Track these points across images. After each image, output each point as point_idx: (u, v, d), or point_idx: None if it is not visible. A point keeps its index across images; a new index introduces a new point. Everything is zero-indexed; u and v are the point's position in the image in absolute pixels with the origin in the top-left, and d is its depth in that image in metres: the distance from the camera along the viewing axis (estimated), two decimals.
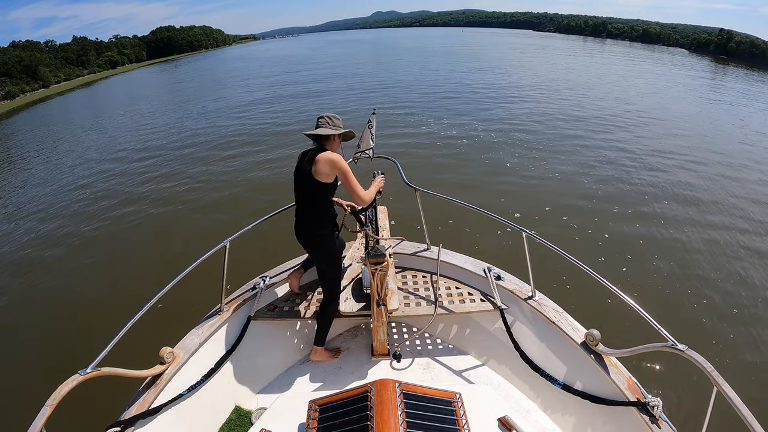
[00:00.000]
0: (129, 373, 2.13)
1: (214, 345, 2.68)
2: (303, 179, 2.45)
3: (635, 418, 2.04)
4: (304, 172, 2.42)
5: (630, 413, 2.08)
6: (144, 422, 2.13)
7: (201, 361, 2.56)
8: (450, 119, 14.24)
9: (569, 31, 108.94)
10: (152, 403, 2.19)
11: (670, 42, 70.90)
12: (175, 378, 2.37)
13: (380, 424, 1.57)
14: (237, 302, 2.89)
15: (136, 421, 2.08)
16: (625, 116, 14.62)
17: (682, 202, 7.88)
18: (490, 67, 29.78)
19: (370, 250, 2.48)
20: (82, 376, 1.83)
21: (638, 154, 10.51)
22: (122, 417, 2.08)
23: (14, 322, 5.67)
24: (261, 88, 25.97)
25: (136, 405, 2.15)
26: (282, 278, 3.14)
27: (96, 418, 2.39)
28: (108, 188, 10.49)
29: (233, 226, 2.87)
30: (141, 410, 2.12)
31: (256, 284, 3.04)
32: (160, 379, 2.29)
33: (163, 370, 2.32)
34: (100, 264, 6.93)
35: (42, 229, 8.65)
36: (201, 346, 2.58)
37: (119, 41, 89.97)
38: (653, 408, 1.99)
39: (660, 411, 1.99)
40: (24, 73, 52.82)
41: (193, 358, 2.51)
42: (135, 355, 2.43)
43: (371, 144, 3.24)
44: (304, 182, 2.45)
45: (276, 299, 3.09)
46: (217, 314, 2.77)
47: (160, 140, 14.87)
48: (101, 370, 1.92)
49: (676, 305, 5.00)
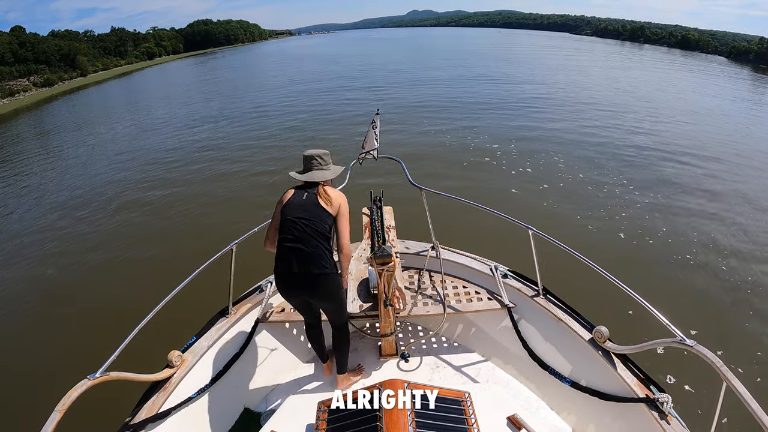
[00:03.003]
0: (138, 378, 2.14)
1: (222, 348, 2.69)
2: (308, 210, 2.25)
3: (645, 415, 2.03)
4: (311, 203, 2.26)
5: (639, 410, 2.07)
6: (153, 426, 2.14)
7: (209, 364, 2.57)
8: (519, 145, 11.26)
9: (606, 35, 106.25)
10: (161, 407, 2.20)
11: (709, 49, 69.05)
12: (183, 381, 2.38)
13: (389, 424, 1.56)
14: (244, 305, 2.90)
15: (145, 425, 2.09)
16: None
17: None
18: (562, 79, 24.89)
19: (377, 251, 2.47)
20: (91, 381, 1.84)
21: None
22: (131, 421, 2.08)
23: (21, 327, 5.70)
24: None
25: (145, 409, 2.16)
26: None
27: (105, 423, 2.40)
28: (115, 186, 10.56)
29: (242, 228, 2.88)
30: (150, 414, 2.13)
31: (263, 287, 3.05)
32: (168, 383, 2.30)
33: (172, 374, 2.33)
34: (107, 267, 6.96)
35: (43, 226, 8.71)
36: (209, 349, 2.59)
37: (157, 33, 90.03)
38: (663, 404, 1.98)
39: (670, 407, 1.98)
40: (62, 61, 53.77)
41: (201, 361, 2.52)
42: (143, 359, 2.44)
43: (375, 144, 3.24)
44: (311, 214, 2.24)
45: (283, 301, 3.10)
46: (224, 317, 2.78)
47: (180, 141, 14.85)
48: (110, 374, 1.93)
49: (687, 302, 4.98)
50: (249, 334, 2.82)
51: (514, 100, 17.59)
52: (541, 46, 58.73)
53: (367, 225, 3.34)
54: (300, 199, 2.30)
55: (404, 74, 28.27)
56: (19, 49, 48.77)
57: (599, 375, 2.33)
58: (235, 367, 2.68)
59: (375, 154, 3.23)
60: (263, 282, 3.09)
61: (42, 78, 47.37)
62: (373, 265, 2.51)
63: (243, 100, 22.57)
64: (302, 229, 2.22)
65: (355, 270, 3.09)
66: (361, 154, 3.29)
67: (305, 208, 2.26)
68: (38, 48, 50.90)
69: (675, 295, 5.10)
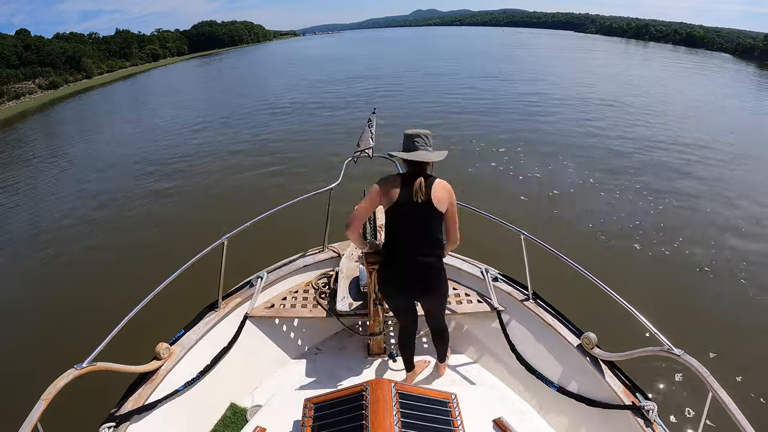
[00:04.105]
0: (125, 369, 2.13)
1: (211, 342, 2.67)
2: (418, 208, 2.08)
3: (630, 422, 2.04)
4: (421, 201, 2.07)
5: (625, 417, 2.08)
6: (139, 417, 2.12)
7: (197, 357, 2.56)
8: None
9: (611, 33, 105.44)
10: (147, 399, 2.19)
11: (714, 47, 68.11)
12: (170, 374, 2.36)
13: (375, 423, 1.56)
14: (234, 300, 2.88)
15: (131, 416, 2.07)
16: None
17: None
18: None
19: None
20: (78, 371, 1.83)
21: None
22: (117, 412, 2.07)
23: (9, 315, 5.66)
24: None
25: (131, 400, 2.15)
26: (279, 276, 3.14)
27: (91, 413, 2.38)
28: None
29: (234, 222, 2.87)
30: (136, 406, 2.12)
31: (253, 281, 3.04)
32: (155, 375, 2.29)
33: (159, 366, 2.32)
34: (97, 259, 6.92)
35: (45, 223, 8.64)
36: (197, 343, 2.57)
37: (161, 35, 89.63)
38: (648, 412, 1.99)
39: (655, 415, 1.99)
40: (68, 64, 53.73)
41: (189, 354, 2.51)
42: (131, 350, 2.42)
43: (371, 143, 3.24)
44: (423, 212, 2.09)
45: (273, 297, 3.09)
46: (213, 311, 2.77)
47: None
48: (97, 365, 1.92)
49: (675, 310, 5.01)
50: (237, 329, 2.81)
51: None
52: (563, 47, 57.33)
53: None
54: (405, 192, 2.09)
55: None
56: (24, 51, 48.76)
57: (586, 381, 2.35)
58: (223, 362, 2.67)
59: (370, 153, 3.23)
60: (253, 277, 3.08)
61: (47, 80, 47.41)
62: (364, 264, 2.52)
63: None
64: (404, 227, 2.18)
65: (346, 268, 3.09)
66: (356, 153, 3.28)
67: (409, 203, 2.09)
68: (43, 50, 50.91)
69: (664, 303, 5.14)
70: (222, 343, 2.71)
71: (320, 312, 2.96)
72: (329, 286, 3.17)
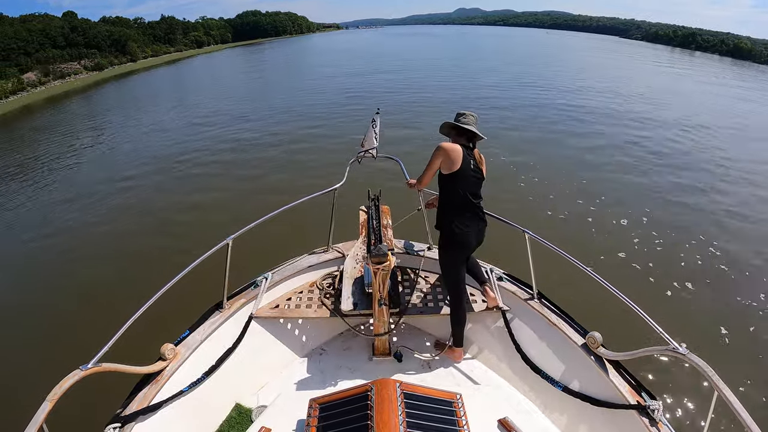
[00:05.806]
0: (130, 369, 2.14)
1: (216, 342, 2.68)
2: (477, 176, 2.55)
3: (635, 421, 2.03)
4: (479, 170, 2.55)
5: (630, 416, 2.07)
6: (144, 418, 2.13)
7: (202, 358, 2.56)
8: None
9: (657, 40, 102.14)
10: (153, 400, 2.19)
11: (762, 59, 65.81)
12: (176, 374, 2.37)
13: (380, 423, 1.56)
14: (239, 300, 2.89)
15: (136, 417, 2.08)
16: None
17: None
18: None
19: (373, 250, 2.48)
20: (83, 372, 1.83)
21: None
22: (122, 413, 2.08)
23: (15, 316, 5.68)
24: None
25: (136, 401, 2.15)
26: (283, 276, 3.14)
27: (96, 414, 2.39)
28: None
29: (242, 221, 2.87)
30: (141, 406, 2.13)
31: (257, 282, 3.04)
32: (160, 376, 2.29)
33: (164, 367, 2.33)
34: (103, 259, 6.94)
35: (48, 219, 8.68)
36: (202, 344, 2.58)
37: (206, 22, 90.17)
38: (653, 411, 1.99)
39: (660, 414, 1.99)
40: (113, 47, 54.79)
41: (194, 355, 2.51)
42: (136, 351, 2.42)
43: (375, 143, 3.24)
44: (479, 179, 2.56)
45: (277, 297, 3.09)
46: (218, 312, 2.77)
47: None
48: (102, 365, 1.92)
49: (681, 309, 4.99)
50: (243, 329, 2.81)
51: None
52: (635, 55, 51.89)
53: (363, 224, 3.34)
54: (469, 160, 2.50)
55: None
56: (71, 33, 49.40)
57: (591, 380, 2.34)
58: (228, 362, 2.67)
59: (374, 153, 3.23)
60: (258, 278, 3.08)
61: (93, 62, 48.67)
62: (369, 264, 2.52)
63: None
64: (469, 189, 2.53)
65: (350, 268, 3.09)
66: (360, 153, 3.28)
67: (473, 169, 2.52)
68: (89, 33, 51.61)
69: (670, 302, 5.12)
70: (227, 344, 2.71)
71: (325, 312, 2.96)
72: (334, 286, 3.17)
